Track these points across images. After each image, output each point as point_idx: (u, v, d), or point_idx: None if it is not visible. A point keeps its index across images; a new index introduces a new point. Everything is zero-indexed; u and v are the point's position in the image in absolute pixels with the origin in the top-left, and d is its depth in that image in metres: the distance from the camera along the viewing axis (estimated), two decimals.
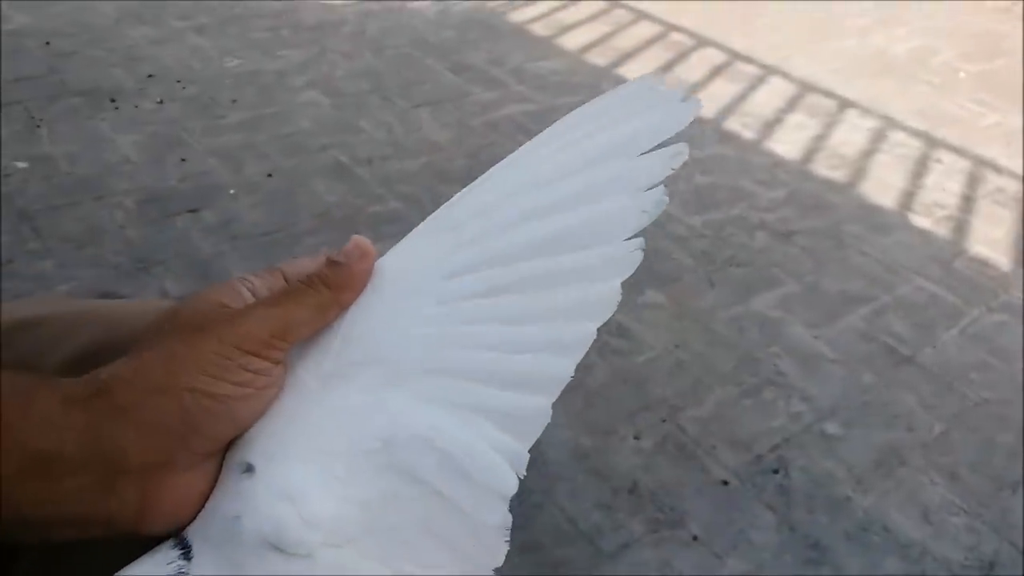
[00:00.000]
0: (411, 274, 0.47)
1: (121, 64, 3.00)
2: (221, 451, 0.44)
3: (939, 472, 1.65)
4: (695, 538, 1.47)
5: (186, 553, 0.42)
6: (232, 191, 2.34)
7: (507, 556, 0.45)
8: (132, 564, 0.42)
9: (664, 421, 1.70)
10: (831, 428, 1.72)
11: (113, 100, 2.75)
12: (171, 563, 0.42)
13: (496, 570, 0.46)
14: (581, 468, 1.58)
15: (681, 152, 0.47)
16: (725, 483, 1.58)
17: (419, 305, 0.46)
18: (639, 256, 0.45)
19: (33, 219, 2.14)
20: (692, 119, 0.47)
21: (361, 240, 0.47)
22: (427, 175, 2.49)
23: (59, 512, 0.42)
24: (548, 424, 0.45)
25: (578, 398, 1.72)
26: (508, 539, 0.45)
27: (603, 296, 0.45)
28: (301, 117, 2.75)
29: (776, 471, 1.61)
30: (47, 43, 3.09)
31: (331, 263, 0.46)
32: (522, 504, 0.39)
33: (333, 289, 0.45)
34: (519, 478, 0.45)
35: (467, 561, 0.45)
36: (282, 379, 0.45)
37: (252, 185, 2.37)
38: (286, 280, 0.48)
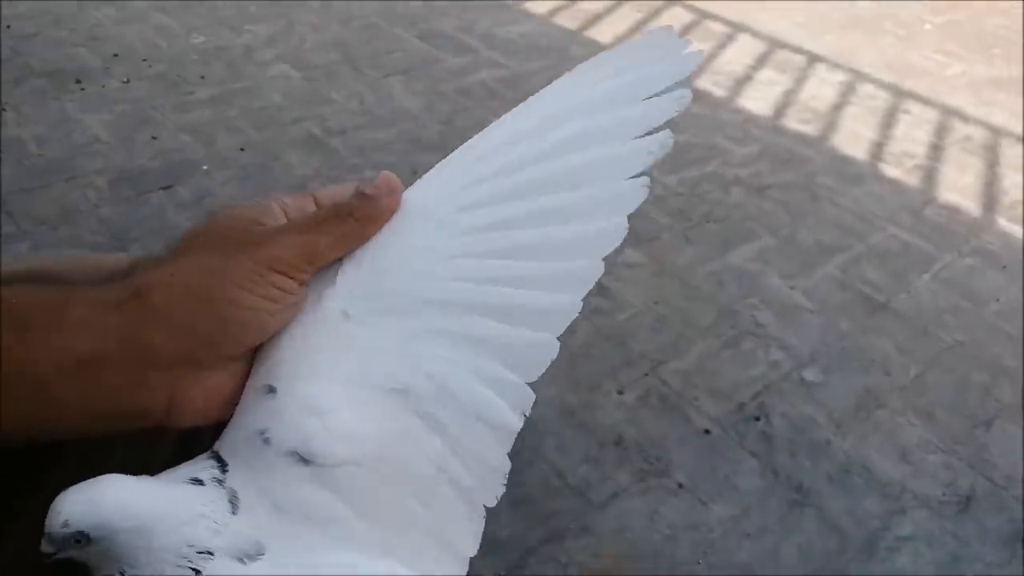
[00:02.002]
0: (429, 209, 0.49)
1: (85, 44, 2.96)
2: (245, 356, 0.47)
3: (916, 413, 1.69)
4: (681, 486, 1.50)
5: (223, 466, 0.45)
6: (205, 167, 2.33)
7: (499, 511, 0.47)
8: (173, 468, 0.45)
9: (647, 375, 1.72)
10: (810, 375, 1.75)
11: (79, 81, 2.71)
12: (207, 470, 0.45)
13: (489, 525, 0.48)
14: (568, 424, 1.61)
15: (683, 96, 0.49)
16: (708, 432, 1.61)
17: (435, 239, 0.48)
18: (645, 193, 0.47)
19: (5, 202, 2.12)
20: (694, 68, 0.50)
21: (390, 176, 0.49)
22: (402, 143, 2.48)
23: (95, 407, 0.45)
24: (533, 382, 0.47)
25: (562, 357, 1.72)
26: (504, 483, 0.48)
27: (609, 231, 0.48)
28: (271, 91, 2.73)
29: (758, 418, 1.64)
30: (8, 26, 3.04)
31: (360, 195, 0.48)
32: (512, 460, 0.42)
33: (359, 221, 0.48)
34: (523, 417, 0.47)
35: (464, 496, 0.48)
36: (304, 298, 0.48)
37: (225, 160, 2.36)
38: (317, 205, 0.50)
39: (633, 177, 0.48)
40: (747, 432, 1.61)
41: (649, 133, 0.49)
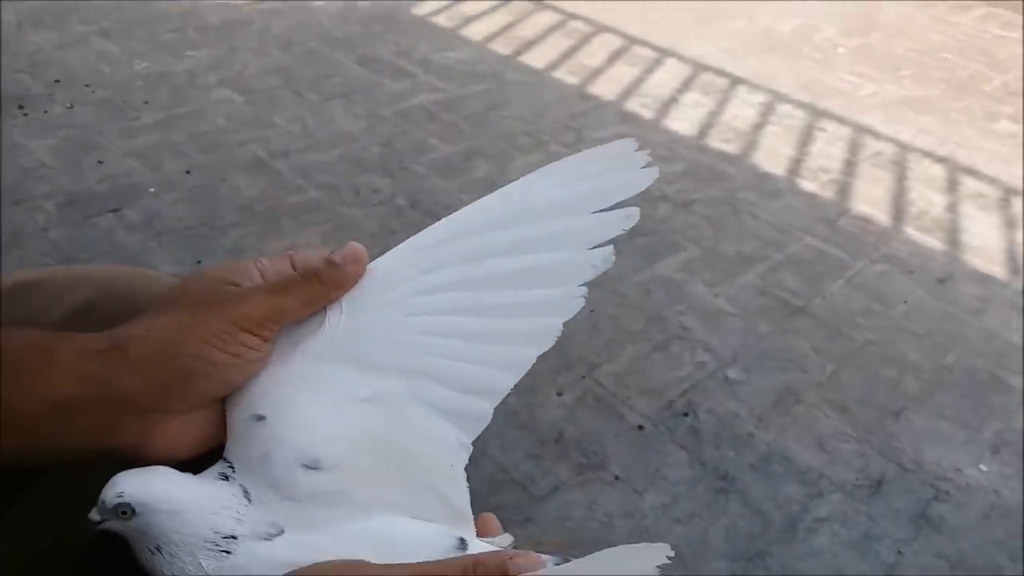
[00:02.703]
0: (390, 286, 0.56)
1: (26, 70, 2.99)
2: (212, 405, 0.54)
3: (831, 407, 1.83)
4: (617, 478, 1.61)
5: (232, 467, 0.53)
6: (152, 189, 2.39)
7: None
8: (207, 471, 0.52)
9: (584, 377, 1.84)
10: (733, 374, 1.88)
11: (21, 107, 2.75)
12: (221, 470, 0.52)
13: None
14: (511, 424, 1.71)
15: (632, 215, 0.55)
16: (641, 428, 1.73)
17: (394, 315, 0.55)
18: (581, 303, 0.55)
19: None
20: (648, 185, 0.56)
21: (357, 247, 0.56)
22: (343, 165, 2.58)
23: (73, 443, 0.51)
24: None
25: None
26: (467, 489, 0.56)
27: (545, 331, 0.55)
28: (215, 115, 2.80)
29: (686, 414, 1.77)
30: None
31: (329, 262, 0.55)
32: None
33: (325, 285, 0.54)
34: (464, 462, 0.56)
35: (444, 455, 0.56)
36: (269, 354, 0.54)
37: (172, 183, 2.42)
38: (293, 266, 0.56)
39: (576, 287, 0.55)
40: (676, 427, 1.73)
41: (598, 245, 0.55)
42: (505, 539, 0.57)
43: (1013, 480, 1.69)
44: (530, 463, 1.63)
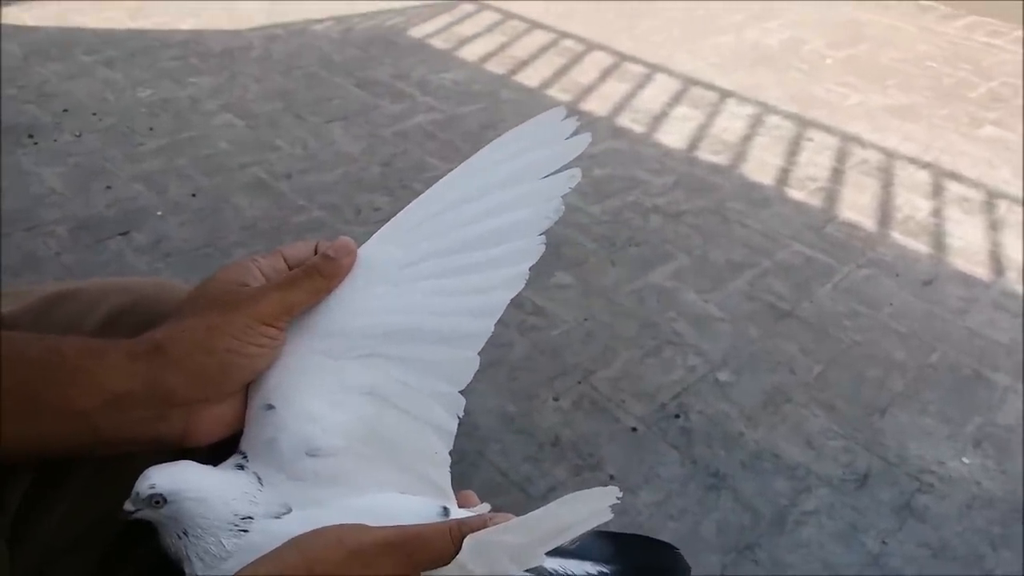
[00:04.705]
0: (377, 266, 0.64)
1: (34, 101, 3.08)
2: (242, 391, 0.62)
3: (819, 405, 1.90)
4: (612, 477, 1.68)
5: (247, 457, 0.61)
6: (159, 212, 2.46)
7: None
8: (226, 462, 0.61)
9: (579, 383, 1.91)
10: (723, 376, 1.95)
11: (31, 136, 2.83)
12: (241, 460, 0.61)
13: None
14: (509, 430, 1.77)
15: (575, 175, 0.65)
16: (634, 429, 1.79)
17: (382, 289, 0.64)
18: (542, 248, 0.64)
19: None
20: (582, 150, 0.66)
21: (347, 240, 0.64)
22: (345, 185, 2.66)
23: (126, 434, 0.59)
24: (477, 395, 0.65)
25: (502, 371, 1.91)
26: (455, 430, 0.64)
27: (516, 275, 0.64)
28: (218, 139, 2.88)
29: (678, 416, 1.83)
30: None
31: (325, 257, 0.63)
32: (459, 464, 0.56)
33: (325, 277, 0.62)
34: (457, 419, 0.63)
35: (429, 442, 0.64)
36: (284, 341, 0.62)
37: (178, 205, 2.50)
38: (285, 260, 0.65)
39: (536, 236, 0.64)
40: (668, 428, 1.80)
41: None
42: (484, 508, 0.64)
43: (994, 472, 1.75)
44: (528, 465, 1.70)
